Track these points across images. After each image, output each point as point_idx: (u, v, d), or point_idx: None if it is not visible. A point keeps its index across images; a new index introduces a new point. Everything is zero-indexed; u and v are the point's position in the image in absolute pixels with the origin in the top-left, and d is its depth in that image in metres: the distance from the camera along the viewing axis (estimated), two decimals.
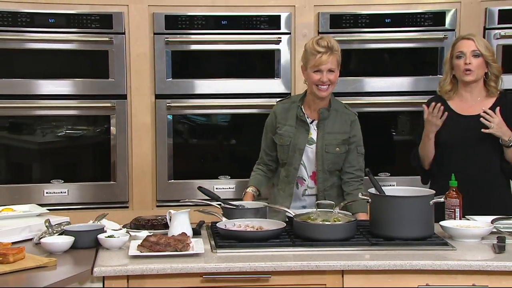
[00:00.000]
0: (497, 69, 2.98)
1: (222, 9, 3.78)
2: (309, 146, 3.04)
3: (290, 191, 3.05)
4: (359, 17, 3.80)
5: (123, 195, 3.79)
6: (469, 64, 2.93)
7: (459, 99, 3.02)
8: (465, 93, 3.01)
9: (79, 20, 3.68)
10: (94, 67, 3.79)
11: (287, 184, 3.06)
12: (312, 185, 3.07)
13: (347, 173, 3.07)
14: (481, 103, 2.97)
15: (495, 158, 2.93)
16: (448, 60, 3.02)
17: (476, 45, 2.94)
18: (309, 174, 3.06)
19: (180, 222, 2.56)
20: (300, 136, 3.03)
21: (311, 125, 3.06)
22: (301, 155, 3.03)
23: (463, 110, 2.98)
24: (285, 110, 3.09)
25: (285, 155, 3.05)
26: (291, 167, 3.04)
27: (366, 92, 3.84)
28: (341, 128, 3.05)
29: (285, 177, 3.07)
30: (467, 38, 2.97)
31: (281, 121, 3.07)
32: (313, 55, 2.94)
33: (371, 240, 2.55)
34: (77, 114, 3.82)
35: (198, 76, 3.82)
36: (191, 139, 3.96)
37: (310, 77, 2.98)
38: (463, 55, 2.95)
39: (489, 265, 2.34)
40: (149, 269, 2.31)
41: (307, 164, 3.05)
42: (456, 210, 2.76)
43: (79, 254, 2.44)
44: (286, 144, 3.04)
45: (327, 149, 3.02)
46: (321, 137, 3.03)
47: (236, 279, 2.34)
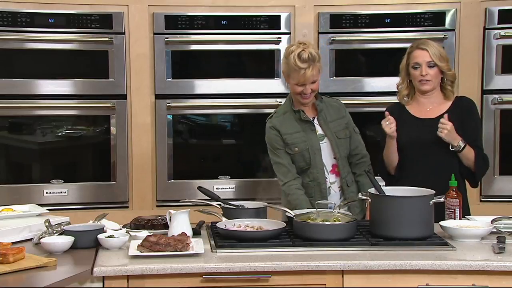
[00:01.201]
0: (452, 76, 3.02)
1: (222, 9, 3.78)
2: (322, 142, 3.05)
3: (323, 193, 3.02)
4: (359, 17, 3.80)
5: (123, 195, 3.79)
6: (425, 75, 2.96)
7: (417, 104, 3.07)
8: (422, 99, 3.05)
9: (79, 20, 3.68)
10: (94, 67, 3.79)
11: (317, 187, 3.04)
12: (334, 179, 3.06)
13: (355, 155, 3.11)
14: (438, 107, 3.02)
15: (453, 160, 2.95)
16: (404, 67, 3.05)
17: (430, 56, 2.96)
18: (329, 169, 3.06)
19: (180, 222, 2.56)
20: (311, 137, 3.04)
21: (314, 122, 3.07)
22: (320, 154, 3.03)
23: (420, 114, 3.02)
24: (283, 122, 3.06)
25: (305, 161, 3.04)
26: (316, 169, 3.03)
27: (366, 92, 3.84)
28: (337, 115, 3.09)
29: (311, 181, 3.04)
30: (421, 49, 2.98)
31: (287, 132, 3.04)
32: (296, 71, 2.94)
33: (371, 240, 2.55)
34: (77, 114, 3.82)
35: (198, 76, 3.82)
36: (191, 139, 3.96)
37: (293, 88, 3.02)
38: (419, 66, 2.98)
39: (489, 265, 2.34)
40: (149, 269, 2.30)
41: (325, 161, 3.05)
42: (456, 210, 2.76)
43: (79, 254, 2.44)
44: (305, 149, 3.02)
45: (338, 135, 3.06)
46: (327, 129, 3.05)
47: (236, 279, 2.34)
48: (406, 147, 2.99)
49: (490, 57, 3.79)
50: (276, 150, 3.07)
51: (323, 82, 3.79)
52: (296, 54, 2.93)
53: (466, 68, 3.80)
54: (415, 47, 3.02)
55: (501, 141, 3.83)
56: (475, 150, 2.95)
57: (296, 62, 2.92)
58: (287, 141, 3.05)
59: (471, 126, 3.01)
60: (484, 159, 3.00)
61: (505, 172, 3.85)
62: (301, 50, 2.94)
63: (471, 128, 3.00)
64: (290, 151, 3.05)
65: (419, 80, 2.99)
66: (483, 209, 3.53)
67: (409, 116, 3.04)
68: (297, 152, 3.04)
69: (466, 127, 2.98)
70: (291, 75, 2.98)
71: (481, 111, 3.80)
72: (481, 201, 3.84)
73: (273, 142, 3.08)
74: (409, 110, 3.07)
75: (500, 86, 3.81)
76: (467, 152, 2.92)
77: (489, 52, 3.79)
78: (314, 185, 3.05)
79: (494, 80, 3.81)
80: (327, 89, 3.80)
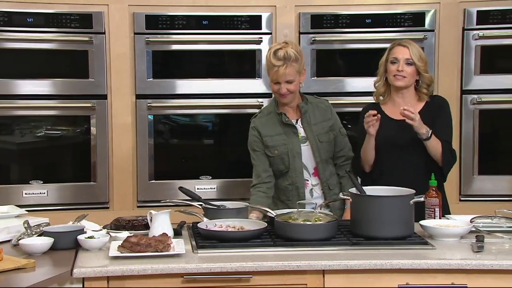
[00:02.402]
0: (428, 79, 3.06)
1: (203, 9, 3.77)
2: (304, 144, 3.05)
3: (301, 198, 3.02)
4: (339, 18, 3.81)
5: (104, 196, 3.76)
6: (401, 72, 2.99)
7: (392, 104, 3.09)
8: (397, 98, 3.08)
9: (58, 20, 3.65)
10: (74, 67, 3.76)
11: (295, 190, 3.04)
12: (316, 182, 3.07)
13: (339, 157, 3.12)
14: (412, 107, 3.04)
15: (427, 160, 2.98)
16: (383, 63, 3.07)
17: (410, 54, 2.99)
18: (311, 172, 3.07)
19: (161, 223, 2.55)
20: (293, 140, 3.04)
21: (296, 124, 3.07)
22: (300, 158, 3.03)
23: (395, 114, 3.04)
24: (265, 123, 3.07)
25: (284, 164, 3.04)
26: (295, 173, 3.03)
27: (347, 92, 3.86)
28: (323, 117, 3.09)
29: (289, 185, 3.04)
30: (403, 45, 3.02)
31: (267, 134, 3.05)
32: (271, 68, 2.97)
33: (352, 240, 2.56)
34: (57, 114, 3.79)
35: (179, 76, 3.81)
36: (172, 139, 3.95)
37: (271, 86, 3.04)
38: (397, 61, 3.01)
39: (468, 263, 2.36)
40: (129, 270, 2.29)
41: (307, 163, 3.05)
42: (435, 209, 2.78)
43: (59, 255, 2.42)
44: (285, 152, 3.02)
45: (320, 139, 3.06)
46: (310, 131, 3.05)
47: (217, 279, 2.34)
48: (381, 147, 3.01)
49: (469, 58, 3.82)
50: (253, 151, 3.09)
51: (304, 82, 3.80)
52: (272, 52, 2.96)
53: (446, 68, 3.84)
54: (396, 44, 3.06)
55: (480, 141, 3.87)
56: (443, 143, 2.98)
57: (271, 59, 2.96)
58: (267, 143, 3.05)
59: (441, 122, 3.03)
60: (452, 153, 3.03)
61: (484, 172, 3.89)
62: (279, 48, 2.96)
63: (441, 124, 3.03)
64: (269, 154, 3.05)
65: (394, 75, 3.01)
66: (463, 209, 3.56)
67: (384, 117, 3.06)
68: (277, 155, 3.04)
69: (436, 123, 3.01)
70: (268, 72, 3.01)
71: (460, 111, 3.84)
72: (461, 200, 3.87)
73: (252, 143, 3.10)
74: (384, 110, 3.10)
75: (479, 86, 3.84)
76: (434, 143, 2.94)
77: (468, 52, 3.82)
78: (292, 188, 3.05)
79: (473, 81, 3.84)
80: (308, 89, 3.80)
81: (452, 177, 3.12)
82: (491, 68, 3.86)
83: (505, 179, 3.88)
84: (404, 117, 2.90)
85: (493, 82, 3.84)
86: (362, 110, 3.18)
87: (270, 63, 2.97)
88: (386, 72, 3.07)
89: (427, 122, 2.97)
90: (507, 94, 3.85)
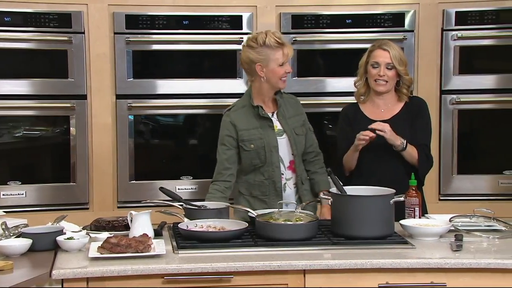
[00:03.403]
0: (408, 80, 3.08)
1: (184, 9, 3.76)
2: (280, 137, 3.05)
3: (278, 192, 3.02)
4: (320, 18, 3.82)
5: (83, 197, 3.73)
6: (383, 76, 3.01)
7: (371, 105, 3.12)
8: (377, 99, 3.10)
9: (36, 19, 3.62)
10: (53, 67, 3.73)
11: (272, 185, 3.02)
12: (290, 176, 3.07)
13: (310, 153, 3.13)
14: (391, 108, 3.08)
15: (405, 161, 3.00)
16: (363, 65, 3.09)
17: (391, 58, 3.01)
18: (287, 165, 3.06)
19: (141, 223, 2.53)
20: (269, 134, 3.03)
21: (272, 117, 3.06)
22: (277, 151, 3.02)
23: (374, 115, 3.07)
24: (240, 117, 3.04)
25: (261, 158, 3.02)
26: (272, 167, 3.02)
27: (328, 92, 3.87)
28: (295, 111, 3.11)
29: (266, 180, 3.03)
30: (383, 49, 3.04)
31: (243, 128, 3.03)
32: (278, 50, 2.96)
33: (333, 240, 2.57)
34: (36, 115, 3.76)
35: (160, 76, 3.80)
36: (152, 139, 3.93)
37: (275, 72, 2.98)
38: (378, 66, 3.02)
39: (447, 262, 2.38)
40: (109, 271, 2.28)
41: (283, 157, 3.05)
42: (415, 209, 2.80)
43: (37, 257, 2.40)
44: (261, 146, 3.00)
45: (296, 132, 3.06)
46: (286, 124, 3.05)
47: (198, 280, 2.33)
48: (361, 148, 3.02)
49: (448, 58, 3.85)
50: (222, 146, 3.05)
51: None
52: (272, 34, 2.97)
53: (425, 69, 3.87)
54: (377, 47, 3.06)
55: (459, 140, 3.90)
56: (420, 148, 3.00)
57: (277, 40, 2.95)
58: (243, 137, 3.02)
59: (419, 124, 3.06)
60: (428, 158, 3.06)
61: (463, 171, 3.92)
62: (272, 31, 3.00)
63: (419, 126, 3.06)
64: (245, 148, 3.03)
65: (375, 80, 3.03)
66: (442, 208, 3.59)
67: (363, 117, 3.08)
68: (253, 149, 3.02)
69: (415, 125, 3.04)
70: (271, 58, 2.96)
71: (440, 111, 3.87)
72: (440, 200, 3.90)
73: (224, 138, 3.05)
74: (364, 110, 3.11)
75: (457, 86, 3.88)
76: (410, 150, 2.98)
77: (447, 53, 3.85)
78: (269, 183, 3.03)
79: (452, 81, 3.88)
80: (289, 89, 3.78)
81: (432, 176, 3.14)
82: (469, 69, 3.90)
83: (484, 179, 3.92)
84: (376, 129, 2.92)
85: (472, 82, 3.88)
86: (342, 111, 3.20)
87: (276, 44, 2.95)
88: (366, 73, 3.08)
89: (406, 123, 2.99)
90: (485, 94, 3.89)
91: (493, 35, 3.85)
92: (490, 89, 3.89)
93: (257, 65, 2.98)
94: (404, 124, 2.99)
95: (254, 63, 2.98)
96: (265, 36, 2.96)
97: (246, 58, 3.00)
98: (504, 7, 3.84)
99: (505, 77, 3.89)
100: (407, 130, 2.99)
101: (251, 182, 3.06)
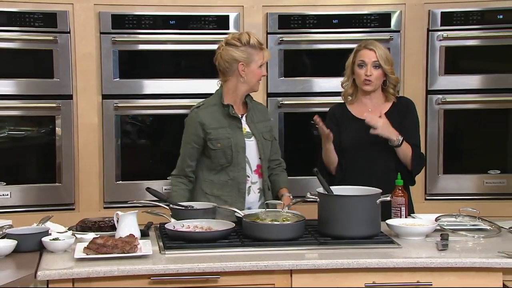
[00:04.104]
0: (395, 80, 3.10)
1: (170, 8, 3.75)
2: (249, 140, 3.03)
3: (242, 193, 3.01)
4: (307, 18, 3.83)
5: (69, 197, 3.71)
6: (369, 76, 3.02)
7: (359, 104, 3.13)
8: (365, 99, 3.12)
9: (21, 19, 3.60)
10: (38, 66, 3.71)
11: (236, 186, 3.01)
12: (256, 180, 3.05)
13: (273, 160, 3.14)
14: (379, 108, 3.09)
15: (393, 160, 3.02)
16: (350, 65, 3.10)
17: (376, 57, 3.02)
18: (253, 168, 3.05)
19: (127, 224, 2.52)
20: (237, 134, 3.01)
21: (242, 120, 3.05)
22: (244, 152, 3.01)
23: (362, 114, 3.07)
24: (209, 115, 3.02)
25: (227, 158, 3.00)
26: (237, 168, 3.00)
27: (315, 92, 3.87)
28: (263, 117, 3.11)
29: (230, 180, 3.01)
30: (369, 49, 3.05)
31: (212, 126, 3.00)
32: (260, 52, 2.97)
33: (319, 239, 2.57)
34: (21, 115, 3.74)
35: (146, 76, 3.79)
36: (139, 139, 3.92)
37: (255, 73, 2.99)
38: (364, 65, 3.04)
39: (433, 262, 2.39)
40: (95, 272, 2.26)
41: (251, 159, 3.03)
42: (401, 208, 2.81)
43: (22, 258, 2.38)
44: (228, 146, 2.98)
45: (264, 137, 3.06)
46: (254, 128, 3.05)
47: (184, 280, 2.32)
48: (348, 147, 3.03)
49: (434, 58, 3.87)
50: (187, 144, 3.04)
51: (272, 82, 3.82)
52: (253, 36, 2.98)
53: (411, 69, 3.88)
54: (363, 47, 3.08)
55: (444, 140, 3.92)
56: (412, 147, 3.02)
57: (259, 41, 2.98)
58: (211, 136, 3.00)
59: (409, 125, 3.08)
60: (421, 157, 3.08)
61: (449, 171, 3.94)
62: (251, 32, 3.01)
63: (409, 127, 3.07)
64: (212, 146, 3.00)
65: (362, 80, 3.04)
66: (428, 207, 3.61)
67: (350, 117, 3.09)
68: (219, 148, 2.99)
69: (404, 126, 3.05)
70: (254, 59, 2.97)
71: (426, 111, 3.89)
72: (426, 199, 3.92)
73: (190, 136, 3.03)
74: (351, 110, 3.12)
75: (443, 86, 3.90)
76: (404, 148, 2.99)
77: (433, 53, 3.87)
78: (233, 184, 3.01)
79: (438, 81, 3.90)
80: (276, 89, 3.83)
81: (418, 176, 3.15)
82: (455, 69, 3.92)
83: (469, 178, 3.94)
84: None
85: (457, 82, 3.90)
86: (329, 111, 3.20)
87: (259, 45, 2.97)
88: (353, 73, 3.09)
89: (395, 123, 3.00)
90: (471, 94, 3.92)
91: (478, 35, 3.88)
92: (476, 89, 3.92)
93: (239, 64, 2.97)
94: (392, 123, 3.00)
95: (237, 62, 2.97)
96: (248, 36, 2.96)
97: (228, 57, 2.97)
98: (489, 8, 3.87)
99: (490, 77, 3.92)
100: (396, 129, 3.00)
101: (215, 181, 3.04)
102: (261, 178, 3.06)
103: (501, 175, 3.94)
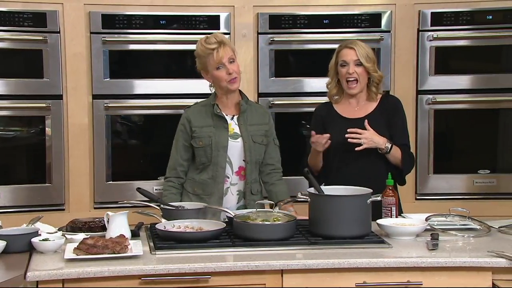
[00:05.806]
0: (377, 78, 3.10)
1: (161, 8, 3.75)
2: (234, 140, 3.02)
3: (220, 193, 3.00)
4: (297, 18, 3.83)
5: (59, 198, 3.70)
6: (352, 73, 3.03)
7: (345, 104, 3.14)
8: (351, 99, 3.12)
9: (11, 18, 3.58)
10: (28, 66, 3.69)
11: (215, 186, 3.00)
12: (236, 181, 3.04)
13: (268, 165, 3.11)
14: (365, 106, 3.10)
15: (380, 159, 3.03)
16: (333, 66, 3.11)
17: (357, 55, 3.03)
18: (235, 170, 3.03)
19: (118, 224, 2.52)
20: (220, 134, 3.01)
21: (232, 120, 3.04)
22: (225, 152, 3.00)
23: (348, 114, 3.09)
24: (197, 113, 3.04)
25: (207, 156, 3.00)
26: (217, 167, 2.99)
27: (306, 92, 3.88)
28: (260, 120, 3.08)
29: (209, 179, 3.00)
30: (349, 47, 3.06)
31: (197, 125, 3.01)
32: (210, 54, 2.95)
33: (310, 239, 2.57)
34: (10, 115, 3.72)
35: (137, 76, 3.78)
36: (129, 139, 3.91)
37: (216, 77, 2.99)
38: (347, 64, 3.05)
39: (423, 261, 2.40)
40: (85, 272, 2.26)
41: (233, 160, 3.02)
42: (392, 208, 2.82)
43: (12, 259, 2.37)
44: (208, 144, 2.99)
45: (254, 139, 3.04)
46: (244, 130, 3.03)
47: (175, 281, 2.32)
48: (334, 147, 3.02)
49: (424, 58, 3.89)
50: (177, 142, 3.06)
51: (263, 83, 3.82)
52: (203, 41, 2.98)
53: (402, 69, 3.90)
54: (343, 46, 3.09)
55: (435, 140, 3.93)
56: (401, 148, 3.02)
57: (205, 46, 2.95)
58: (195, 134, 3.01)
59: (397, 124, 3.08)
60: (410, 157, 3.09)
61: (439, 171, 3.96)
62: (206, 37, 3.00)
63: (398, 127, 3.08)
64: (194, 144, 3.01)
65: (346, 80, 3.05)
66: (418, 207, 3.62)
67: (337, 116, 3.10)
68: (201, 146, 3.00)
69: (393, 126, 3.06)
70: (207, 63, 2.97)
71: (416, 111, 3.90)
72: (416, 199, 3.93)
73: (179, 133, 3.06)
74: (337, 109, 3.13)
75: (433, 86, 3.91)
76: (394, 152, 2.99)
77: (423, 53, 3.88)
78: (211, 183, 3.00)
79: (428, 81, 3.91)
80: (267, 89, 3.83)
81: (408, 176, 3.16)
82: (445, 69, 3.94)
83: (459, 178, 3.96)
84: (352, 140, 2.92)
85: (448, 82, 3.92)
86: (315, 111, 3.21)
87: (206, 50, 2.94)
88: (337, 74, 3.10)
89: (382, 122, 3.00)
90: (461, 94, 3.93)
91: (468, 35, 3.90)
92: (466, 89, 3.93)
93: (202, 73, 3.04)
94: (379, 122, 3.01)
95: (201, 72, 3.05)
96: (200, 44, 2.99)
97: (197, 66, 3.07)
98: (478, 8, 3.88)
99: (480, 77, 3.94)
100: (383, 128, 3.01)
101: (196, 179, 3.04)
102: (243, 181, 3.04)
103: (491, 175, 3.96)
